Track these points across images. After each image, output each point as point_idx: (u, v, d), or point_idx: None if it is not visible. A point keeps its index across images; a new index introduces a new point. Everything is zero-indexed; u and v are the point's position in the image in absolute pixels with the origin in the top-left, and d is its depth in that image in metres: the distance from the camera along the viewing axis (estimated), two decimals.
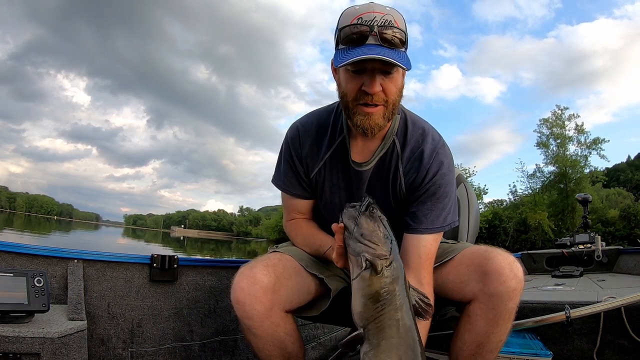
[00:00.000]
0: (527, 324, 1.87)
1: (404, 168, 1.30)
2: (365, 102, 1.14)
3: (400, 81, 1.17)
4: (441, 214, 1.28)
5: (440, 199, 1.28)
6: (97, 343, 1.73)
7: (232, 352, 2.09)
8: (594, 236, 3.64)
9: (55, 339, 1.29)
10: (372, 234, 1.04)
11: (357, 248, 1.03)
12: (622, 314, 1.91)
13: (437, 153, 1.28)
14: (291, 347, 1.25)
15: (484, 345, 1.22)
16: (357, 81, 1.13)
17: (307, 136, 1.37)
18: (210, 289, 2.09)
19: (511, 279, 1.16)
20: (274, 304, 1.20)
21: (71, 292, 1.65)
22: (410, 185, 1.30)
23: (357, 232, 1.04)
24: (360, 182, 1.34)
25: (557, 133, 33.18)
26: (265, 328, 1.20)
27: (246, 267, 1.23)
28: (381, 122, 1.18)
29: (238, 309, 1.19)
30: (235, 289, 1.19)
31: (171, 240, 54.03)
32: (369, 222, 1.05)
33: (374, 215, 1.06)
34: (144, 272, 1.92)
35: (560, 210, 32.60)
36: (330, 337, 2.46)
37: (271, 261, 1.26)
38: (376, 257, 1.01)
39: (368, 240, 1.03)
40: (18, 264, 1.65)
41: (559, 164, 32.85)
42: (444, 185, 1.28)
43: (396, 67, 1.10)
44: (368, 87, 1.12)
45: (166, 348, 1.89)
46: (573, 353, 2.02)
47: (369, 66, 1.09)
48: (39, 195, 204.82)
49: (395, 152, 1.30)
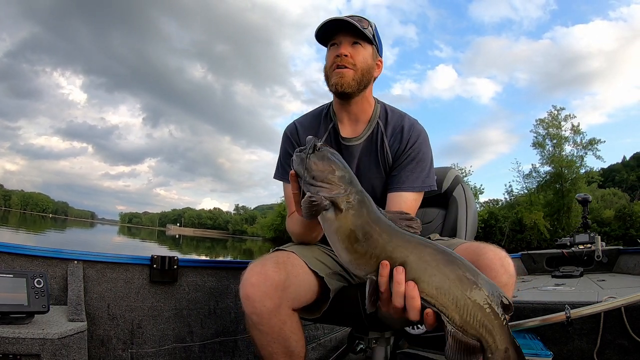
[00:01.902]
0: (527, 324, 1.87)
1: (388, 141, 1.50)
2: (338, 64, 1.41)
3: (368, 55, 1.44)
4: (420, 176, 1.45)
5: (419, 163, 1.46)
6: (97, 344, 1.72)
7: (232, 353, 2.08)
8: (594, 236, 3.65)
9: (55, 340, 1.28)
10: (325, 173, 0.98)
11: (312, 191, 0.97)
12: (622, 314, 1.91)
13: (414, 127, 1.50)
14: (295, 345, 1.25)
15: None
16: (332, 52, 1.44)
17: (303, 128, 1.57)
18: (210, 290, 2.08)
19: (502, 274, 1.14)
20: (282, 302, 1.20)
21: (71, 293, 1.64)
22: (395, 153, 1.49)
23: (309, 175, 0.98)
24: (351, 157, 1.50)
25: (554, 133, 33.38)
26: (272, 325, 1.19)
27: (257, 264, 1.23)
28: (352, 83, 1.41)
29: (247, 305, 1.18)
30: (245, 284, 1.19)
31: (167, 238, 53.93)
32: (318, 163, 0.99)
33: (324, 154, 1.01)
34: (144, 273, 1.91)
35: (555, 210, 32.78)
36: (330, 338, 2.46)
37: (281, 259, 1.27)
38: (334, 195, 0.95)
39: (321, 182, 0.97)
40: (18, 265, 1.64)
41: (554, 164, 33.03)
42: (422, 151, 1.47)
43: (363, 42, 1.42)
44: (337, 50, 1.42)
45: (166, 349, 1.88)
46: (573, 353, 2.03)
47: (342, 39, 1.42)
48: (34, 193, 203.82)
49: (380, 131, 1.51)
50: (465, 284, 0.86)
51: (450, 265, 0.88)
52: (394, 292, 0.89)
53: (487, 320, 0.85)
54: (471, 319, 0.85)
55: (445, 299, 0.87)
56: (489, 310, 0.85)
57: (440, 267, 0.88)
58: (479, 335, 0.85)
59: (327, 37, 1.46)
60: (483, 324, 0.85)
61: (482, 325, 0.85)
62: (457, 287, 0.86)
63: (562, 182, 32.65)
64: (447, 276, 0.87)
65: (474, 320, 0.85)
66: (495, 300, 0.85)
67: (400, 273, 0.89)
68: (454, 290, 0.86)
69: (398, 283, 0.89)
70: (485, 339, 0.85)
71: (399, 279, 0.89)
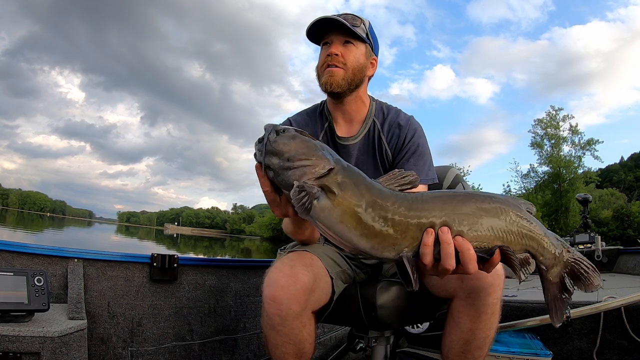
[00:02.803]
0: (527, 324, 1.87)
1: (386, 138, 1.49)
2: (328, 63, 1.40)
3: (360, 54, 1.44)
4: (423, 169, 1.43)
5: (421, 156, 1.45)
6: (97, 342, 1.72)
7: (232, 352, 2.08)
8: (594, 236, 3.66)
9: (55, 338, 1.28)
10: (301, 150, 0.85)
11: (292, 177, 0.83)
12: (622, 314, 1.92)
13: (410, 122, 1.50)
14: (307, 347, 1.22)
15: (470, 342, 1.20)
16: (324, 51, 1.44)
17: (298, 126, 1.52)
18: (210, 289, 2.08)
19: (487, 274, 1.04)
20: (307, 305, 1.17)
21: (71, 291, 1.64)
22: (394, 149, 1.48)
23: (283, 160, 0.85)
24: (348, 157, 1.48)
25: (552, 133, 33.35)
26: (293, 328, 1.16)
27: (285, 264, 1.19)
28: (342, 83, 1.40)
29: (272, 306, 1.14)
30: (272, 285, 1.15)
31: (165, 237, 53.91)
32: (288, 142, 0.86)
33: (291, 133, 0.88)
34: (144, 272, 1.91)
35: (554, 210, 32.77)
36: (330, 337, 2.45)
37: (307, 260, 1.24)
38: (320, 174, 0.84)
39: (299, 160, 0.84)
40: (18, 263, 1.64)
41: (553, 164, 33.01)
42: (422, 144, 1.47)
43: (355, 41, 1.41)
44: (328, 49, 1.41)
45: (166, 347, 1.88)
46: (573, 353, 2.03)
47: (333, 38, 1.41)
48: (32, 192, 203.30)
49: (377, 128, 1.50)
50: (493, 212, 0.89)
51: (474, 202, 0.89)
52: (444, 254, 0.85)
53: (525, 231, 0.89)
54: (513, 238, 0.89)
55: (487, 234, 0.88)
56: (523, 222, 0.90)
57: (470, 209, 0.88)
58: (525, 248, 0.90)
59: (319, 36, 1.46)
60: (524, 236, 0.89)
61: (523, 236, 0.89)
62: (490, 218, 0.88)
63: (560, 182, 32.63)
64: (479, 214, 0.88)
65: (515, 238, 0.89)
66: (522, 211, 0.90)
67: (446, 233, 0.85)
68: (489, 223, 0.88)
69: (447, 243, 0.85)
70: (530, 247, 0.90)
71: (446, 239, 0.85)
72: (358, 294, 1.38)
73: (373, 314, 1.34)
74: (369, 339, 1.51)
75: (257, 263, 2.32)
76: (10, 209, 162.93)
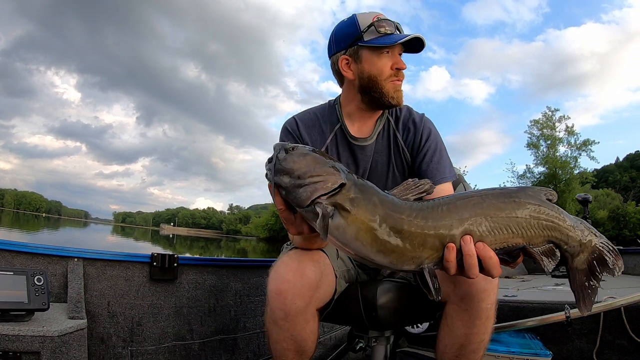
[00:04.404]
0: (527, 324, 1.87)
1: (401, 136, 1.45)
2: (398, 77, 1.33)
3: None
4: (447, 165, 1.41)
5: (441, 153, 1.42)
6: (97, 342, 1.71)
7: (231, 351, 2.08)
8: None
9: (55, 337, 1.28)
10: (311, 167, 0.86)
11: (304, 194, 0.84)
12: (622, 314, 1.92)
13: (424, 120, 1.46)
14: (309, 345, 1.22)
15: (465, 346, 1.19)
16: (389, 60, 1.32)
17: (304, 125, 1.45)
18: (210, 288, 2.08)
19: (480, 279, 1.05)
20: (311, 302, 1.17)
21: (71, 290, 1.63)
22: (412, 147, 1.44)
23: (294, 178, 0.85)
24: (365, 157, 1.43)
25: (548, 134, 33.56)
26: (296, 324, 1.16)
27: (292, 259, 1.18)
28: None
29: (276, 300, 1.13)
30: (278, 279, 1.14)
31: (160, 238, 53.81)
32: (298, 160, 0.87)
33: (301, 151, 0.89)
34: (144, 271, 1.91)
35: None
36: (330, 336, 2.45)
37: (315, 256, 1.22)
38: (332, 190, 0.84)
39: (310, 177, 0.84)
40: (18, 262, 1.63)
41: (549, 164, 33.21)
42: (439, 142, 1.44)
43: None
44: (401, 64, 1.33)
45: (166, 347, 1.88)
46: (573, 353, 2.03)
47: (398, 49, 1.33)
48: (27, 192, 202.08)
49: (391, 127, 1.46)
50: (510, 209, 0.86)
51: (490, 202, 0.86)
52: (467, 265, 0.84)
53: (546, 222, 0.86)
54: (534, 232, 0.86)
55: (508, 235, 0.85)
56: (543, 214, 0.86)
57: (487, 210, 0.86)
58: (548, 239, 0.87)
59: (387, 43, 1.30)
60: (545, 227, 0.86)
61: (545, 228, 0.86)
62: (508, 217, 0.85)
63: (556, 182, 32.80)
64: (497, 215, 0.85)
65: (537, 232, 0.86)
66: (542, 202, 0.87)
67: (468, 243, 0.84)
68: (508, 222, 0.85)
69: (470, 256, 0.84)
70: (554, 237, 0.87)
71: (469, 251, 0.83)
72: (358, 293, 1.37)
73: (373, 314, 1.34)
74: (369, 338, 1.50)
75: (257, 263, 2.32)
76: (5, 209, 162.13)
